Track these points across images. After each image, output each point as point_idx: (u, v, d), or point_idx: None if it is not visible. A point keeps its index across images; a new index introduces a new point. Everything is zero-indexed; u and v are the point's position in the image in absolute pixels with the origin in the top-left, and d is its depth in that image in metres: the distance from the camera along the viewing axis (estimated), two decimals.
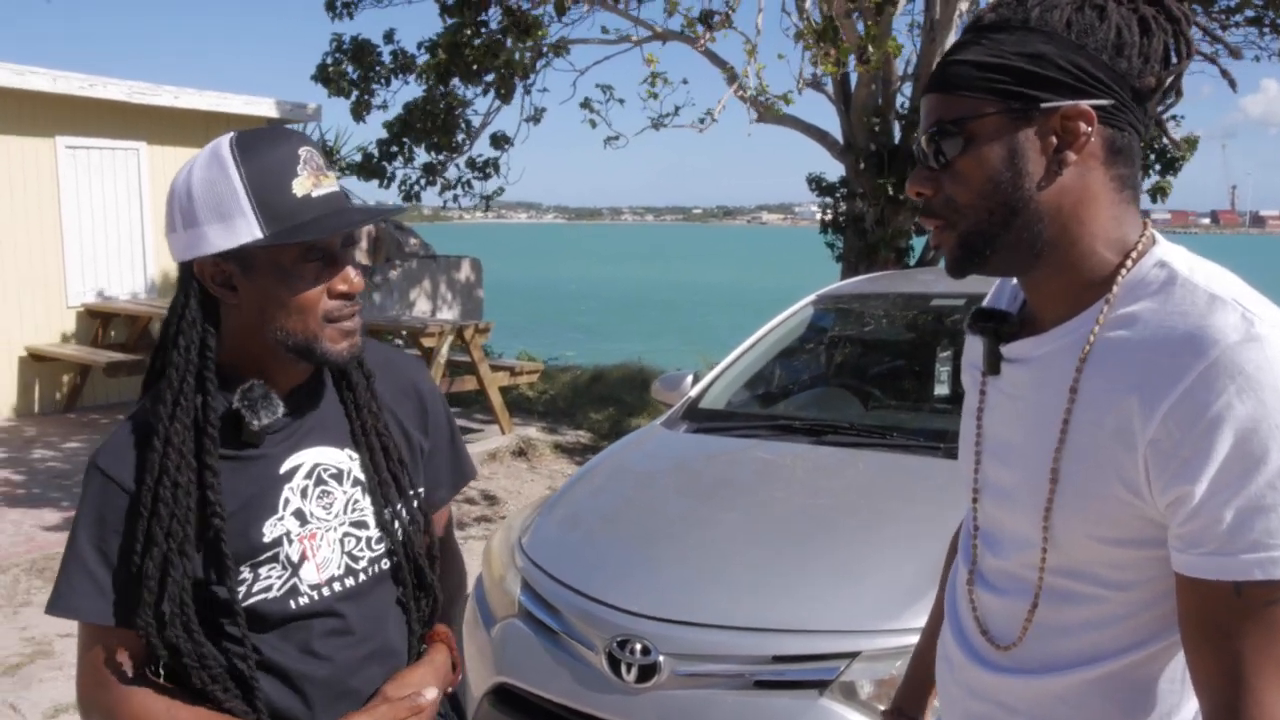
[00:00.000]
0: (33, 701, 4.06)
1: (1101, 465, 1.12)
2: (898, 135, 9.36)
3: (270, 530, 1.44)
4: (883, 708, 2.43)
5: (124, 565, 1.37)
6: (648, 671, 2.59)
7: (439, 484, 1.69)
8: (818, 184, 9.47)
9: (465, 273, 12.83)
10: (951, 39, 9.26)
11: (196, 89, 9.49)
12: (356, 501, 1.51)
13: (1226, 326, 1.04)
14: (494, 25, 6.69)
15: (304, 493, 1.47)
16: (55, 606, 1.39)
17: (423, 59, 7.68)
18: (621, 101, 8.42)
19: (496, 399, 8.43)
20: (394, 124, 7.89)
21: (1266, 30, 9.11)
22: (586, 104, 8.23)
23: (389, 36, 7.88)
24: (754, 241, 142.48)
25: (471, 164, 8.55)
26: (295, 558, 1.45)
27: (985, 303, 1.41)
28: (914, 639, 2.46)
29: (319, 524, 1.47)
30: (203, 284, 1.40)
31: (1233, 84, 1.36)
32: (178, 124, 9.64)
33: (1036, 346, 1.23)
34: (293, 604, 1.45)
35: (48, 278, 9.04)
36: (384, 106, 8.04)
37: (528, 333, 20.91)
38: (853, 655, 2.46)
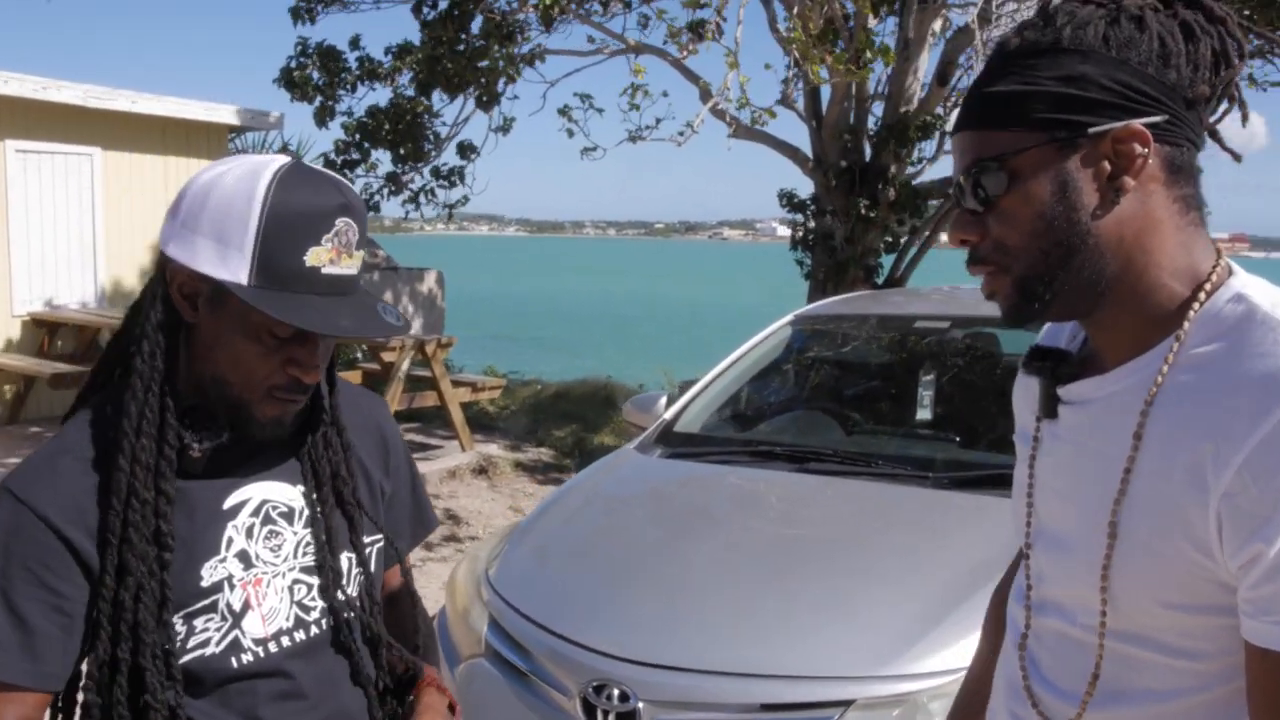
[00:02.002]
0: None
1: (1167, 520, 1.00)
2: (869, 153, 9.32)
3: (210, 574, 1.26)
4: None
5: (45, 616, 1.17)
6: (625, 719, 2.41)
7: (399, 534, 1.53)
8: (789, 200, 9.39)
9: (428, 285, 12.60)
10: (925, 57, 9.24)
11: (155, 94, 9.22)
12: (308, 544, 1.35)
13: None
14: (475, 31, 6.52)
15: (249, 532, 1.30)
16: None
17: (389, 65, 7.49)
18: (601, 111, 8.28)
19: (458, 415, 8.25)
20: (353, 126, 7.67)
21: None
22: (565, 112, 8.07)
23: (355, 42, 7.68)
24: (716, 257, 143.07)
25: (436, 173, 8.36)
26: (237, 606, 1.27)
27: (1040, 340, 1.27)
28: (910, 686, 2.33)
29: (266, 569, 1.30)
30: (168, 289, 1.25)
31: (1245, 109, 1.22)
32: (134, 130, 9.34)
33: (1099, 388, 1.11)
34: (234, 662, 1.27)
35: None
36: (349, 113, 7.83)
37: (487, 347, 20.69)
38: (847, 704, 2.31)
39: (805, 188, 9.93)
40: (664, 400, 4.23)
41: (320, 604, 1.35)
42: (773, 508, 3.26)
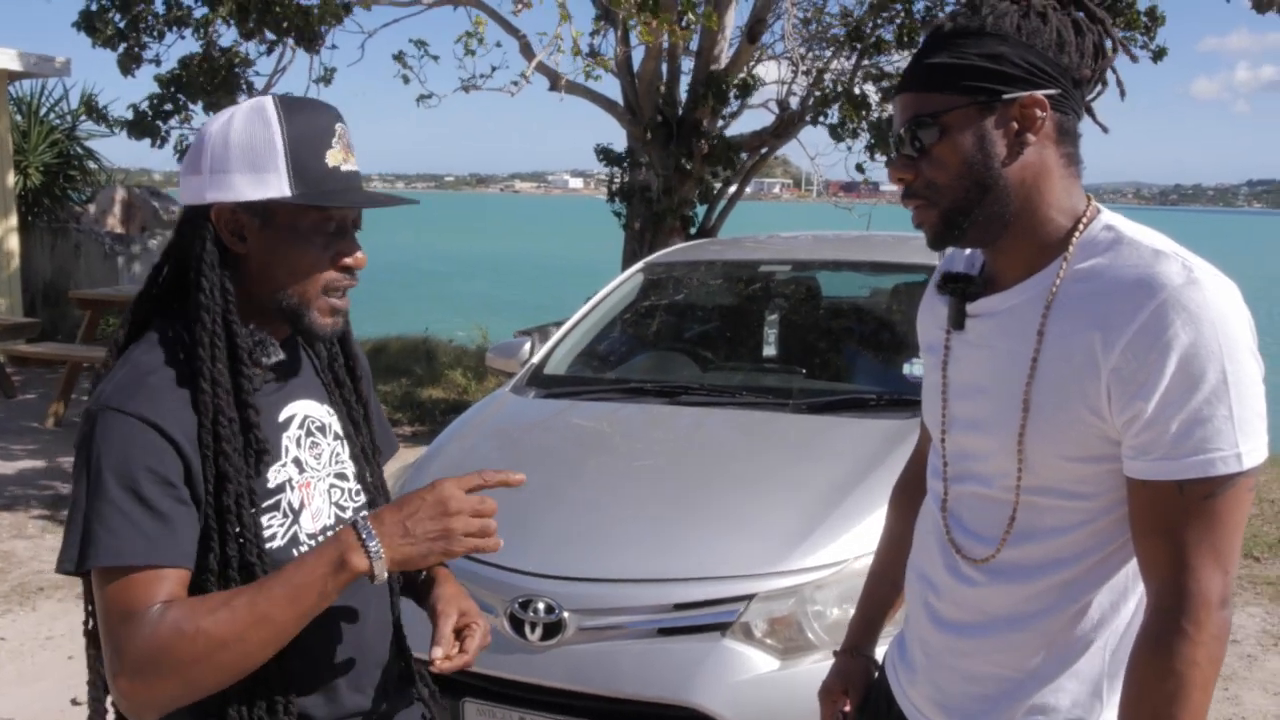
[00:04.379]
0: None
1: (1069, 394, 1.32)
2: (681, 108, 9.65)
3: (275, 476, 1.44)
4: (771, 642, 2.63)
5: (174, 506, 1.31)
6: (552, 629, 2.66)
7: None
8: (605, 154, 9.63)
9: None
10: (732, 19, 9.65)
11: None
12: (338, 454, 1.55)
13: (1171, 273, 1.26)
14: None
15: (299, 442, 1.49)
16: (94, 555, 1.26)
17: (201, 12, 7.19)
18: (436, 59, 8.24)
19: None
20: (166, 78, 7.35)
21: None
22: (400, 58, 8.00)
23: None
24: (510, 210, 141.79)
25: None
26: (296, 505, 1.46)
27: (943, 269, 1.59)
28: (801, 579, 2.68)
29: (311, 473, 1.50)
30: (217, 230, 1.40)
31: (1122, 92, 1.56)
32: None
33: (1003, 301, 1.43)
34: (295, 552, 1.44)
35: None
36: (156, 61, 7.47)
37: None
38: (749, 597, 2.63)
39: (618, 141, 10.20)
40: (528, 346, 4.43)
41: (351, 505, 1.54)
42: (657, 435, 3.55)
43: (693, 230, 10.26)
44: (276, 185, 1.37)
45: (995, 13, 1.34)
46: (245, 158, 1.37)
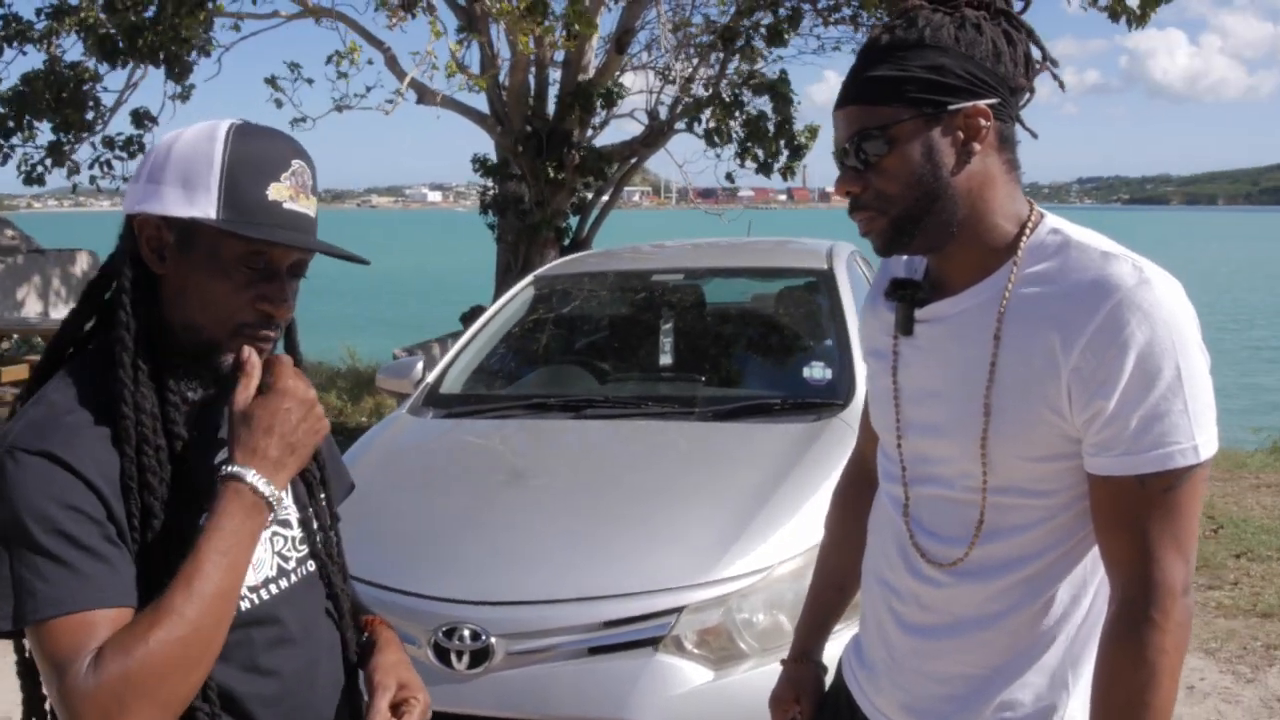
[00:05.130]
0: None
1: (1030, 396, 1.34)
2: (551, 119, 9.61)
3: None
4: (702, 653, 2.62)
5: (105, 544, 1.20)
6: (480, 656, 2.59)
7: (329, 493, 1.63)
8: (483, 165, 9.53)
9: (81, 267, 11.56)
10: (601, 25, 9.66)
11: None
12: (280, 500, 1.41)
13: (1123, 274, 1.30)
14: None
15: None
16: (34, 609, 1.15)
17: (44, 27, 6.79)
18: (310, 82, 7.96)
19: None
20: (9, 96, 6.91)
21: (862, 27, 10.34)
22: (272, 81, 7.70)
23: None
24: (368, 226, 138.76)
25: (110, 143, 7.69)
26: None
27: (882, 276, 1.61)
28: (728, 588, 2.67)
29: None
30: (137, 243, 1.30)
31: (1061, 85, 1.62)
32: None
33: (952, 306, 1.44)
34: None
35: None
36: None
37: None
38: (679, 610, 2.61)
39: (486, 154, 10.08)
40: (420, 365, 4.32)
41: (295, 554, 1.44)
42: (566, 450, 3.51)
43: (566, 242, 10.24)
44: (203, 204, 1.26)
45: (932, 25, 1.35)
46: (181, 171, 1.27)
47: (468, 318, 10.96)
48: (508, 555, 2.80)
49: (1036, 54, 1.44)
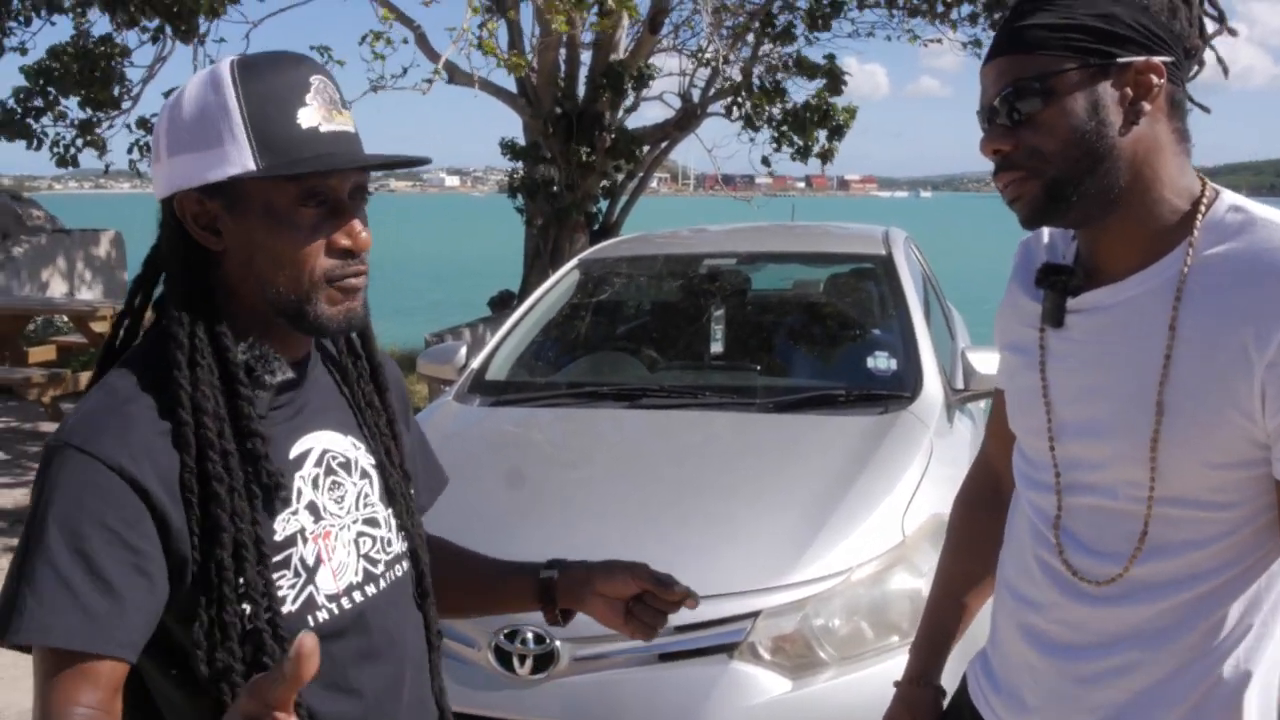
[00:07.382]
0: None
1: (1212, 394, 1.18)
2: (581, 100, 9.45)
3: (282, 526, 1.17)
4: (779, 661, 2.46)
5: (128, 576, 1.05)
6: (544, 661, 2.44)
7: (420, 488, 1.48)
8: (512, 148, 9.38)
9: (104, 249, 11.47)
10: (626, 15, 9.48)
11: None
12: (366, 495, 1.29)
13: None
14: None
15: (315, 482, 1.22)
16: (17, 628, 1.02)
17: None
18: (342, 63, 7.80)
19: None
20: (33, 70, 6.75)
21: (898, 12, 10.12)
22: None
23: None
24: (386, 210, 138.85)
25: (145, 124, 7.56)
26: (310, 561, 1.19)
27: (1021, 261, 1.44)
28: (805, 592, 2.51)
29: (333, 521, 1.23)
30: (184, 225, 1.15)
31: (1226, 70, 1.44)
32: None
33: (1114, 294, 1.27)
34: (310, 620, 1.18)
35: None
36: (22, 49, 6.85)
37: None
38: (755, 615, 2.46)
39: (514, 137, 9.93)
40: (464, 350, 4.17)
41: (383, 557, 1.29)
42: (623, 441, 3.34)
43: (596, 227, 10.08)
44: (238, 159, 1.11)
45: None
46: (198, 132, 1.12)
47: (496, 303, 10.84)
48: (571, 552, 2.63)
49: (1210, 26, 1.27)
